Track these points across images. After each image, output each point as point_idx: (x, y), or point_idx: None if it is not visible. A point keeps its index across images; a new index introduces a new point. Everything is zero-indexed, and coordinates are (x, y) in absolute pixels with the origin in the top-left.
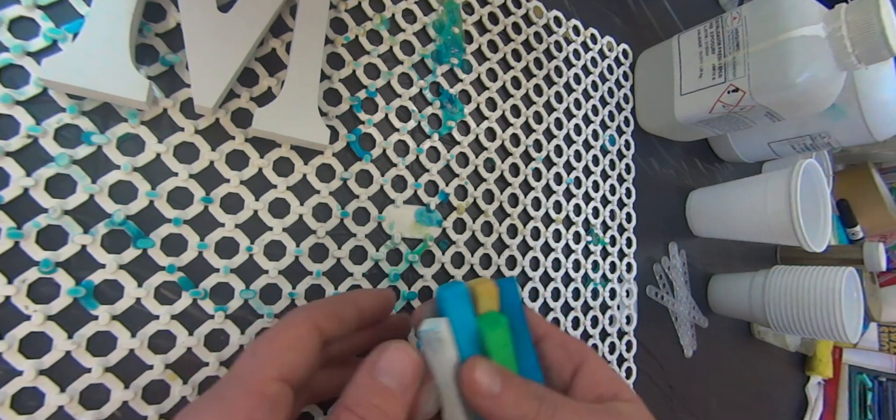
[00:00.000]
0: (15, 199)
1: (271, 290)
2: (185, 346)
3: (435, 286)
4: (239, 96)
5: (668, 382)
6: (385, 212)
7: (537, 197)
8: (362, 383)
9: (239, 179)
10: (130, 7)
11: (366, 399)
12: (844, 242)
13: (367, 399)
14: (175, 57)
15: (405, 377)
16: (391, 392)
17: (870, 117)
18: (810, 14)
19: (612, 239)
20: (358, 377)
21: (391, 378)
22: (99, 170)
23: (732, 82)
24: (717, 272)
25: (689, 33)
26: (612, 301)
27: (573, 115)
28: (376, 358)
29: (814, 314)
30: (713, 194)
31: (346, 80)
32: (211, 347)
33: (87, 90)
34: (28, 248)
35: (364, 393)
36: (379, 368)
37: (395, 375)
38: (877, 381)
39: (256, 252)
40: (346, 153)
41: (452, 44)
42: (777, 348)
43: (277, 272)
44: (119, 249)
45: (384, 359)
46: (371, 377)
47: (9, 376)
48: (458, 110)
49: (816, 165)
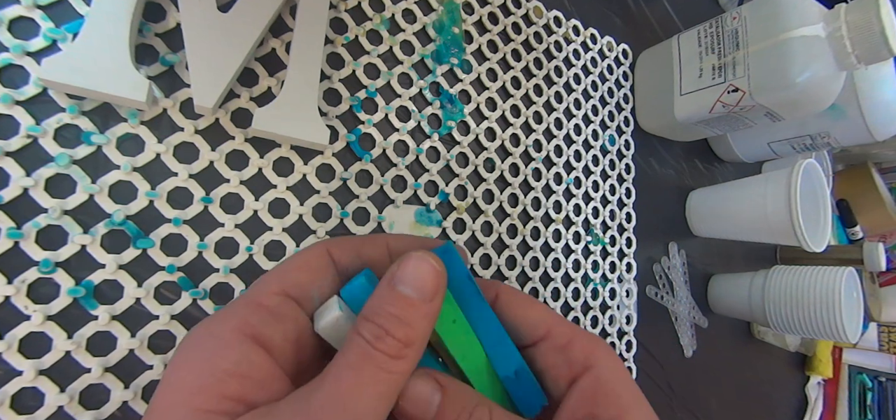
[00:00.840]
0: (15, 199)
1: None
2: None
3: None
4: (239, 96)
5: (667, 382)
6: (385, 212)
7: (537, 197)
8: (381, 294)
9: (239, 179)
10: (130, 7)
11: (384, 309)
12: (844, 242)
13: (385, 309)
14: (175, 57)
15: (426, 285)
16: (411, 301)
17: (870, 117)
18: (810, 14)
19: (611, 239)
20: (377, 289)
21: (411, 287)
22: (99, 170)
23: (732, 82)
24: (717, 272)
25: (688, 33)
26: (612, 301)
27: (573, 115)
28: (396, 268)
29: (814, 314)
30: (713, 194)
31: (345, 80)
32: None
33: (86, 90)
34: (28, 248)
35: (382, 303)
36: (397, 277)
37: (414, 284)
38: (876, 380)
39: (256, 252)
40: (346, 153)
41: (452, 44)
42: (777, 348)
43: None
44: (119, 249)
45: (403, 268)
46: (390, 287)
47: (9, 376)
48: (458, 110)
49: (816, 165)
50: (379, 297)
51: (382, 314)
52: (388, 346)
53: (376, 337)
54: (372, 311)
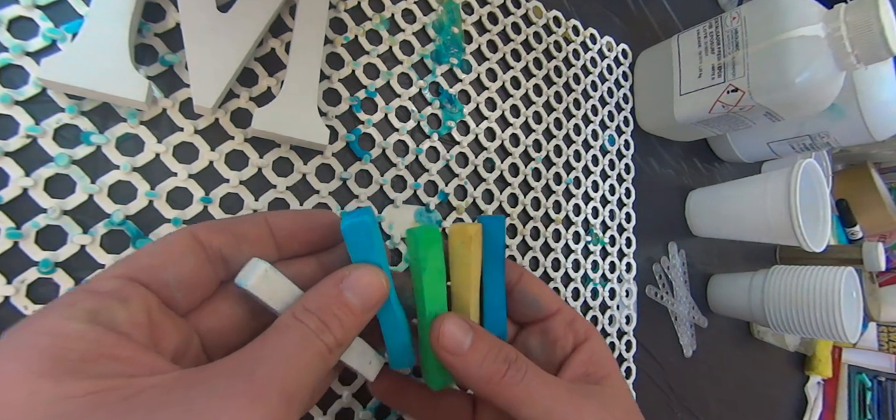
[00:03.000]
0: (14, 200)
1: None
2: None
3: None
4: (238, 96)
5: (667, 382)
6: (384, 212)
7: (537, 197)
8: (327, 292)
9: (238, 179)
10: (130, 7)
11: (329, 308)
12: (844, 242)
13: (329, 308)
14: (174, 57)
15: (369, 299)
16: (352, 308)
17: (869, 117)
18: (809, 14)
19: (611, 239)
20: (323, 285)
21: (356, 296)
22: (98, 170)
23: (732, 82)
24: (717, 272)
25: (688, 33)
26: (612, 301)
27: (572, 115)
28: (348, 272)
29: (813, 314)
30: (712, 194)
31: (345, 80)
32: None
33: (86, 90)
34: (27, 248)
35: (327, 301)
36: (347, 283)
37: (360, 294)
38: (876, 380)
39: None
40: (346, 153)
41: (452, 44)
42: (776, 348)
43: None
44: (118, 250)
45: (354, 275)
46: (337, 289)
47: None
48: (458, 110)
49: (816, 165)
50: (325, 294)
51: (326, 312)
52: (327, 340)
53: (319, 330)
54: (317, 306)
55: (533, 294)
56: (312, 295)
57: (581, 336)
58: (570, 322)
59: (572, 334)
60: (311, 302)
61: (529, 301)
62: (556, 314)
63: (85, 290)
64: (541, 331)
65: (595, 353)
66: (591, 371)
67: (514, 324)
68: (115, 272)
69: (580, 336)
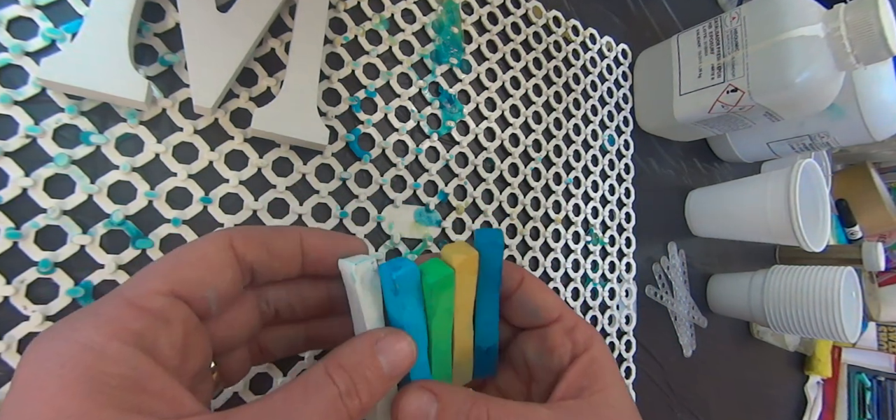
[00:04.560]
0: (14, 200)
1: None
2: None
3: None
4: (238, 96)
5: (667, 382)
6: (384, 212)
7: (536, 197)
8: (362, 351)
9: (238, 179)
10: (129, 7)
11: (361, 369)
12: (843, 242)
13: (362, 370)
14: (174, 57)
15: (398, 367)
16: (382, 375)
17: (868, 117)
18: (809, 14)
19: (611, 239)
20: (359, 344)
21: (389, 363)
22: (98, 170)
23: (731, 82)
24: (716, 272)
25: (688, 33)
26: (611, 301)
27: (572, 114)
28: (383, 335)
29: (813, 314)
30: (712, 194)
31: (345, 80)
32: None
33: (85, 90)
34: (27, 248)
35: (362, 361)
36: (382, 347)
37: (392, 362)
38: (875, 380)
39: None
40: (346, 153)
41: (452, 44)
42: (776, 348)
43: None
44: (118, 250)
45: (389, 340)
46: (372, 353)
47: (8, 377)
48: (458, 110)
49: (815, 165)
50: (360, 353)
51: (358, 374)
52: (353, 405)
53: (348, 392)
54: (351, 365)
55: (533, 302)
56: (347, 352)
57: (581, 345)
58: (570, 330)
59: (571, 343)
60: (345, 358)
61: (529, 309)
62: (556, 321)
63: (133, 303)
64: (539, 337)
65: (595, 363)
66: (588, 384)
67: (513, 328)
68: (159, 286)
69: (580, 346)
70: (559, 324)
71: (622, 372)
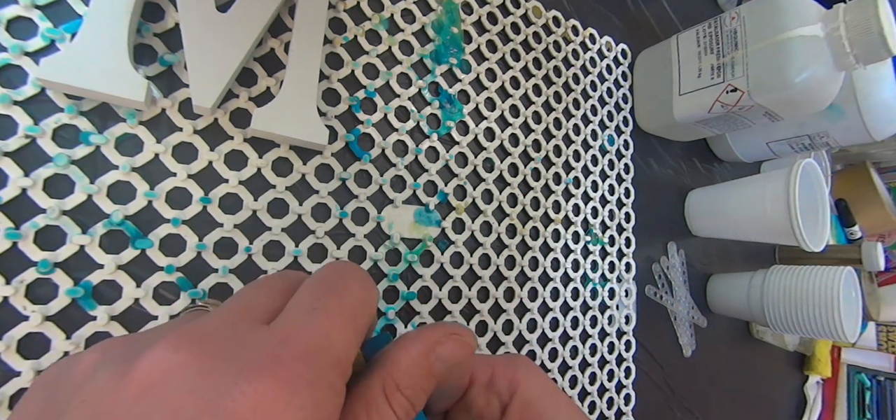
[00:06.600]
0: (13, 200)
1: None
2: None
3: (434, 286)
4: (238, 96)
5: (667, 382)
6: (384, 212)
7: (536, 197)
8: (418, 359)
9: (238, 179)
10: (129, 7)
11: (416, 379)
12: (843, 242)
13: (417, 380)
14: (173, 57)
15: (453, 360)
16: (437, 377)
17: (868, 117)
18: (809, 14)
19: (610, 239)
20: (414, 349)
21: (444, 365)
22: (97, 170)
23: (731, 82)
24: (716, 272)
25: (687, 33)
26: (611, 301)
27: (572, 114)
28: (439, 339)
29: (812, 314)
30: (712, 194)
31: (344, 80)
32: None
33: (85, 90)
34: (26, 248)
35: (416, 370)
36: (438, 354)
37: (448, 362)
38: (875, 380)
39: (255, 252)
40: (345, 153)
41: (451, 44)
42: (776, 348)
43: (276, 273)
44: (117, 250)
45: (448, 347)
46: (427, 358)
47: (7, 377)
48: (457, 110)
49: (815, 165)
50: (415, 361)
51: (417, 388)
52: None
53: (406, 414)
54: (407, 385)
55: (439, 385)
56: (401, 358)
57: (506, 393)
58: (487, 385)
59: (496, 396)
60: (397, 369)
61: (438, 390)
62: (471, 385)
63: (337, 361)
64: (464, 408)
65: (527, 408)
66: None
67: (440, 415)
68: (352, 339)
69: (505, 394)
70: (474, 386)
71: (621, 372)
